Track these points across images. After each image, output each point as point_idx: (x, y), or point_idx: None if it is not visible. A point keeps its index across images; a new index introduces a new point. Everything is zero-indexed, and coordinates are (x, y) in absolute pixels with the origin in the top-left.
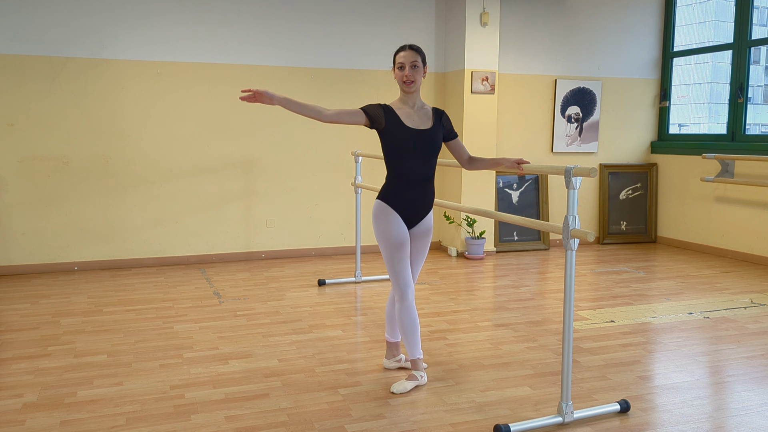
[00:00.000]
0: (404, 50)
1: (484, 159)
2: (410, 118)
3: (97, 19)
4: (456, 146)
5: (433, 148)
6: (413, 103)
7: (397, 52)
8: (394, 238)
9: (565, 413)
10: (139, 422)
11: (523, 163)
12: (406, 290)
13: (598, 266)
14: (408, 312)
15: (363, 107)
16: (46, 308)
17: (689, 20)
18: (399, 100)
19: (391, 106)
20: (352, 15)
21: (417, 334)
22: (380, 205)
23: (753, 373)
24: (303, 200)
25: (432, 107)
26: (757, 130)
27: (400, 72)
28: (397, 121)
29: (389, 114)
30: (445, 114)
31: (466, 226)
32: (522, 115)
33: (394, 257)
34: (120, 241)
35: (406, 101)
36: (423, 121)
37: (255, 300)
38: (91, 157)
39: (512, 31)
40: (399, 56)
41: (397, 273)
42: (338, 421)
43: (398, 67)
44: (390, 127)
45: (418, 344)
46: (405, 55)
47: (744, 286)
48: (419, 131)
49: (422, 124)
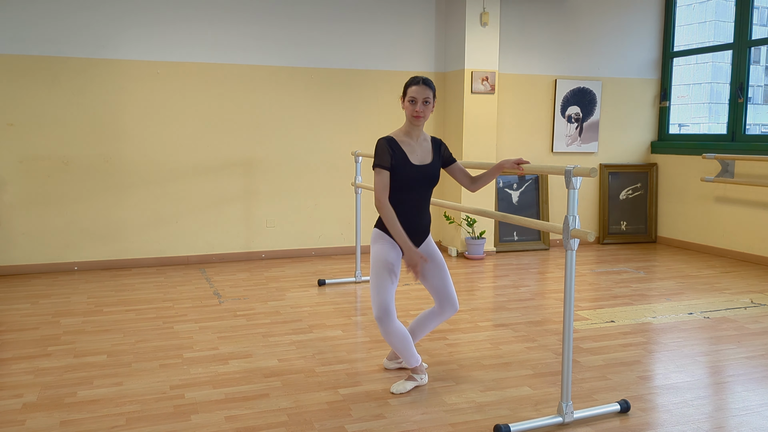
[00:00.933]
0: (417, 84)
1: (484, 174)
2: (414, 153)
3: (97, 19)
4: (456, 170)
5: (433, 181)
6: (417, 136)
7: (409, 84)
8: (382, 257)
9: (565, 413)
10: (139, 422)
11: (522, 163)
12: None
13: (598, 266)
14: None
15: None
16: (46, 308)
17: (689, 20)
18: (403, 131)
19: (396, 139)
20: (352, 15)
21: (410, 346)
22: (376, 232)
23: (753, 373)
24: (303, 200)
25: (431, 137)
26: (757, 130)
27: (411, 106)
28: (404, 159)
29: (396, 153)
30: (443, 144)
31: (466, 226)
32: (522, 115)
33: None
34: (120, 241)
35: (411, 134)
36: (425, 155)
37: (255, 300)
38: (91, 157)
39: (512, 31)
40: (411, 90)
41: (378, 289)
42: (338, 421)
43: (409, 100)
44: (397, 166)
45: (413, 354)
46: (418, 90)
47: (744, 286)
48: (422, 167)
49: (425, 159)
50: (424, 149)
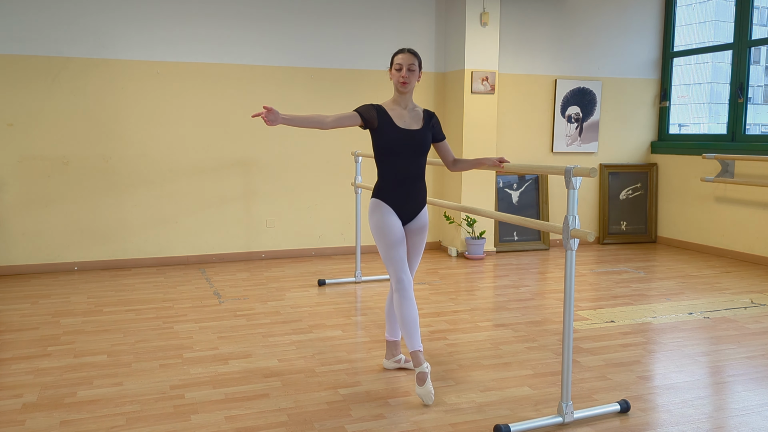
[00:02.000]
0: (403, 53)
1: (467, 160)
2: (402, 119)
3: (97, 19)
4: (443, 148)
5: (422, 148)
6: (405, 104)
7: (395, 53)
8: (388, 228)
9: (565, 413)
10: (139, 422)
11: (504, 162)
12: (402, 277)
13: (598, 266)
14: (407, 303)
15: (357, 109)
16: (46, 308)
17: (689, 20)
18: (392, 100)
19: (384, 106)
20: (352, 15)
21: (416, 326)
22: (375, 202)
23: (753, 373)
24: (303, 200)
25: (423, 109)
26: (757, 130)
27: (397, 73)
28: (389, 122)
29: (382, 115)
30: (435, 116)
31: (466, 226)
32: (522, 115)
33: (388, 246)
34: (120, 241)
35: (399, 102)
36: (414, 122)
37: (255, 300)
38: (91, 157)
39: (512, 31)
40: (397, 57)
41: (393, 262)
42: (338, 421)
43: (395, 68)
44: (382, 127)
45: (417, 336)
46: (403, 57)
47: (744, 286)
48: (409, 131)
49: (413, 125)
50: (413, 116)
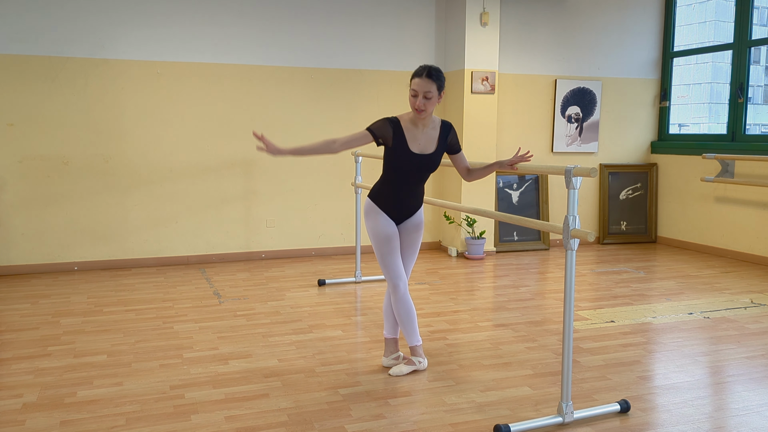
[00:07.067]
0: (420, 77)
1: (480, 168)
2: (416, 141)
3: (97, 19)
4: (458, 159)
5: (431, 169)
6: (424, 125)
7: (414, 74)
8: (382, 233)
9: (565, 413)
10: (139, 422)
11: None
12: (398, 282)
13: (598, 266)
14: (403, 302)
15: (369, 127)
16: (46, 308)
17: (689, 20)
18: (409, 118)
19: (401, 122)
20: (353, 15)
21: (414, 323)
22: (369, 204)
23: (753, 373)
24: (303, 200)
25: (441, 121)
26: (757, 130)
27: (413, 99)
28: (403, 145)
29: (397, 134)
30: (452, 129)
31: (466, 226)
32: (522, 115)
33: (383, 251)
34: (120, 241)
35: (416, 122)
36: (429, 143)
37: (255, 300)
38: (91, 157)
39: (512, 31)
40: (414, 82)
41: (387, 266)
42: (338, 421)
43: (411, 93)
44: (395, 149)
45: (416, 332)
46: (419, 84)
47: (744, 286)
48: (422, 157)
49: (427, 148)
50: (429, 138)
